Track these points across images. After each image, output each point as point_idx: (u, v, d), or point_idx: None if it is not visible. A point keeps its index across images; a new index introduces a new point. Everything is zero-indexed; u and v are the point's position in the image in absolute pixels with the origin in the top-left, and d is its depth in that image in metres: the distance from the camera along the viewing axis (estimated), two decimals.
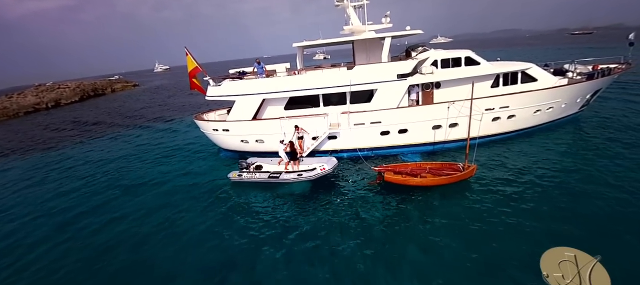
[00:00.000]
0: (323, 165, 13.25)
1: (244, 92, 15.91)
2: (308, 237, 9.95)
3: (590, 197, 10.53)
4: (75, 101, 59.36)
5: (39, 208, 14.13)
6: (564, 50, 70.70)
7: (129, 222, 11.95)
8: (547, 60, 21.14)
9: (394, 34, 15.43)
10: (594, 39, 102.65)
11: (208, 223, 11.33)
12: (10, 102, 52.46)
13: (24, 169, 20.31)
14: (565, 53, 59.52)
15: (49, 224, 12.52)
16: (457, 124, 15.33)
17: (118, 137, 26.44)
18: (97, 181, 16.46)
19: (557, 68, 18.60)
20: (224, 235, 10.53)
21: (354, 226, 10.28)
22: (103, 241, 10.91)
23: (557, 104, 16.36)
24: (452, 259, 8.40)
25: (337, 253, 9.11)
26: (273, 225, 10.80)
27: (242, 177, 13.98)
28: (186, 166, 17.11)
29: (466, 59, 15.79)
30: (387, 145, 15.68)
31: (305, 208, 11.73)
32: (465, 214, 10.28)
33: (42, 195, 15.54)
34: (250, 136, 16.27)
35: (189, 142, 21.77)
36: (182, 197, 13.43)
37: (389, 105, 15.19)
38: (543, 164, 13.23)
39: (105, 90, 72.98)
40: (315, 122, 15.29)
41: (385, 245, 9.22)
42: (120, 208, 13.11)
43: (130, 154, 20.73)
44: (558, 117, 17.12)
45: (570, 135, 16.41)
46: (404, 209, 10.98)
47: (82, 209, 13.47)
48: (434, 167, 12.71)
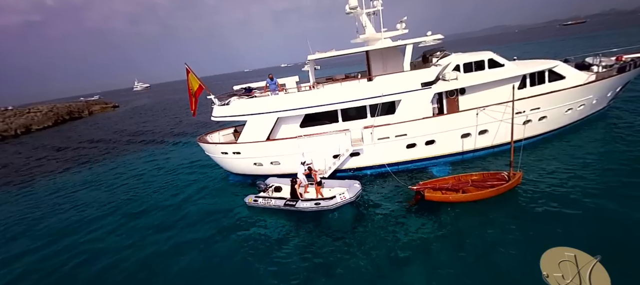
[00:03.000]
0: (343, 193, 11.60)
1: (257, 111, 14.73)
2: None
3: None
4: (48, 126, 55.50)
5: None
6: (559, 41, 70.97)
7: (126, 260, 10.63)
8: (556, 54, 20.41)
9: (415, 40, 14.46)
10: (588, 28, 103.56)
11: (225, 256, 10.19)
12: None
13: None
14: (562, 45, 59.48)
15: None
16: (487, 130, 14.36)
17: (101, 167, 24.21)
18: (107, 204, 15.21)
19: (578, 62, 17.80)
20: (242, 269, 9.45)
21: (388, 259, 9.03)
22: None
23: (589, 100, 15.52)
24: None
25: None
26: (289, 262, 9.55)
27: (258, 202, 12.84)
28: (194, 194, 15.69)
29: (489, 61, 14.96)
30: (414, 159, 14.59)
31: (333, 239, 10.44)
32: (523, 226, 9.30)
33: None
34: (265, 158, 15.06)
35: (189, 165, 20.29)
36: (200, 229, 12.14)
37: (414, 116, 14.14)
38: (585, 165, 12.52)
39: (81, 113, 68.40)
40: (337, 139, 14.16)
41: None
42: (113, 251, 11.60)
43: (125, 184, 19.11)
44: (589, 113, 16.34)
45: (603, 132, 15.67)
46: (445, 229, 9.88)
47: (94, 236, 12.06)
48: (477, 179, 11.62)
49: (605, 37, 55.81)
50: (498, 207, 10.49)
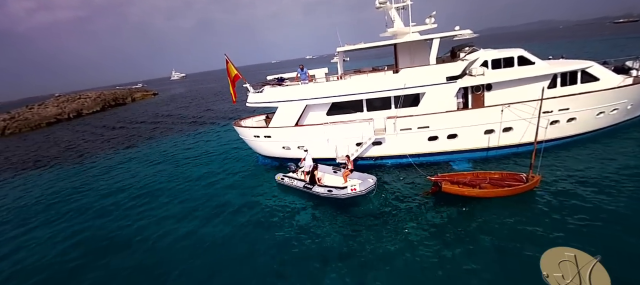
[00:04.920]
0: (355, 186, 12.06)
1: (287, 98, 15.85)
2: (352, 253, 9.58)
3: None
4: (97, 111, 61.21)
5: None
6: (610, 41, 65.83)
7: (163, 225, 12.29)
8: (600, 55, 19.56)
9: (442, 35, 14.77)
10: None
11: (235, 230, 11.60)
12: (32, 113, 53.97)
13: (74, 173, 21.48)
14: (610, 44, 55.32)
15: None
16: (512, 128, 14.44)
17: (148, 147, 26.80)
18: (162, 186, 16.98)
19: (618, 65, 17.13)
20: (255, 246, 10.58)
21: (404, 244, 9.65)
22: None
23: (623, 105, 15.03)
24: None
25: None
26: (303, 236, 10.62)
27: (284, 180, 14.24)
28: (229, 171, 17.41)
29: (519, 59, 14.88)
30: (435, 152, 15.04)
31: (348, 220, 11.36)
32: (533, 228, 9.51)
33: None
34: (293, 142, 16.19)
35: (227, 149, 22.14)
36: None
37: (438, 109, 14.56)
38: (611, 174, 12.03)
39: (125, 99, 74.42)
40: (360, 128, 14.94)
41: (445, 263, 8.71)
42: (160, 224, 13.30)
43: (173, 159, 21.41)
44: (623, 119, 15.75)
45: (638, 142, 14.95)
46: (459, 222, 10.34)
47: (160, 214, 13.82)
48: (495, 177, 11.93)
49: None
50: (511, 207, 10.60)
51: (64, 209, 15.66)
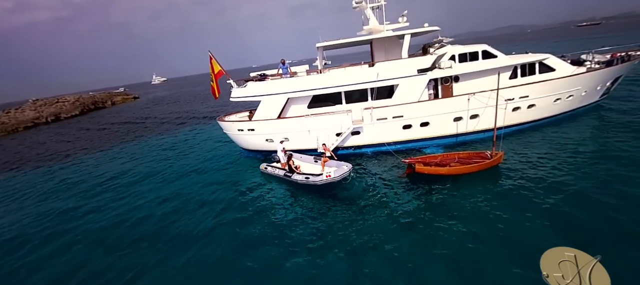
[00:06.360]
0: (330, 172, 12.71)
1: (270, 92, 16.53)
2: (332, 232, 10.11)
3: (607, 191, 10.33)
4: (75, 115, 59.89)
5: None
6: (573, 41, 70.33)
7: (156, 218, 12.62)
8: (561, 52, 21.42)
9: (413, 31, 15.90)
10: (601, 30, 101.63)
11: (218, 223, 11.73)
12: (8, 117, 52.34)
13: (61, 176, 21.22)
14: (574, 44, 59.17)
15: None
16: (478, 115, 15.70)
17: (131, 146, 26.75)
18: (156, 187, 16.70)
19: (574, 59, 18.92)
20: (238, 233, 10.87)
21: (386, 221, 10.39)
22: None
23: (577, 92, 16.63)
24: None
25: (376, 246, 9.37)
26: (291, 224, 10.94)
27: (267, 170, 14.99)
28: (213, 171, 17.72)
29: (483, 53, 16.23)
30: (409, 139, 16.10)
31: (332, 204, 11.96)
32: (495, 201, 10.57)
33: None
34: (276, 135, 16.85)
35: (211, 145, 22.50)
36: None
37: (410, 99, 15.65)
38: (568, 152, 13.47)
39: (105, 103, 73.13)
40: (339, 119, 15.81)
41: (424, 234, 9.51)
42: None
43: (157, 157, 21.55)
44: (579, 105, 17.38)
45: (592, 124, 16.58)
46: (434, 198, 11.32)
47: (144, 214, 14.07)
48: (463, 157, 13.10)
49: (617, 38, 55.27)
50: (479, 181, 11.78)
51: (40, 210, 15.42)
